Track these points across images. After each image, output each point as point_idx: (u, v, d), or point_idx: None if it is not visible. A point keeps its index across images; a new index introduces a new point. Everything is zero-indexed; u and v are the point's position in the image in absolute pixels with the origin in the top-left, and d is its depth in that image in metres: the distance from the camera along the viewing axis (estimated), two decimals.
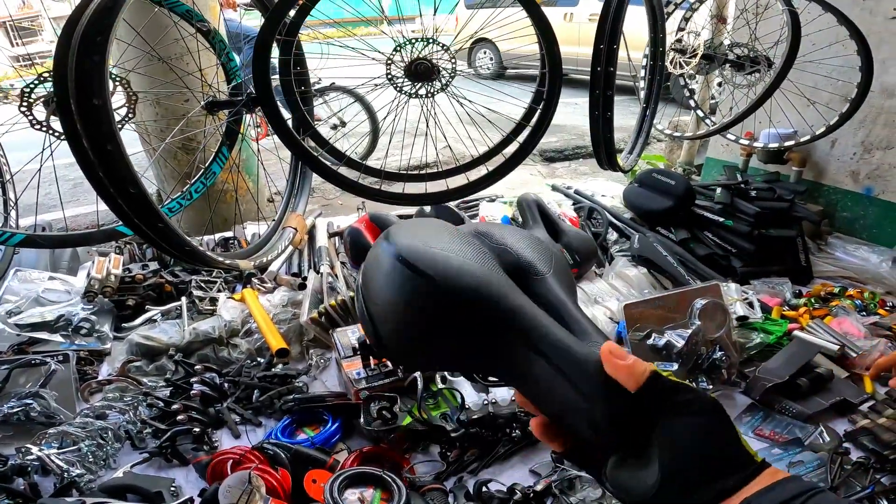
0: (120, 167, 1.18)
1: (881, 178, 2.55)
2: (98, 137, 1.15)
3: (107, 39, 1.16)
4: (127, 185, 1.20)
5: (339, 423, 1.49)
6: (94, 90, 1.14)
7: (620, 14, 1.84)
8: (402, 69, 1.74)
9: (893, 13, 2.42)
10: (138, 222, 1.26)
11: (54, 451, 1.35)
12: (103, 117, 1.14)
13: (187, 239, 1.36)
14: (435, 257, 0.56)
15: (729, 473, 0.51)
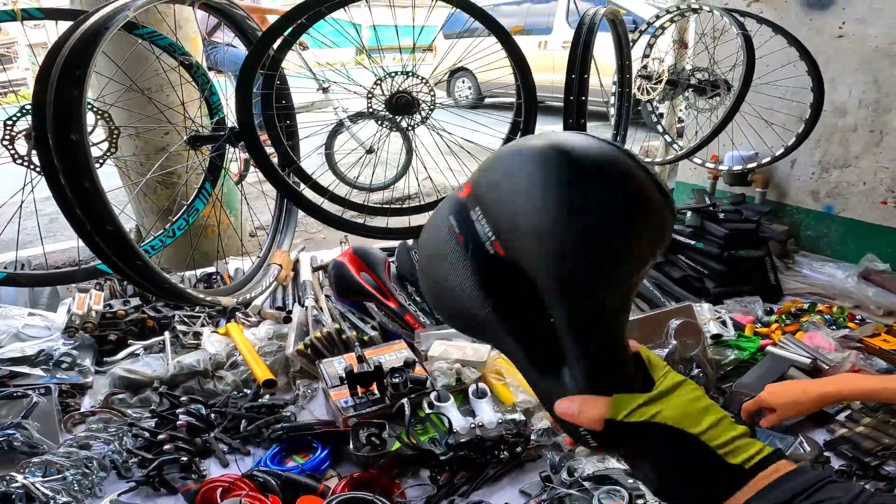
0: (97, 205, 1.19)
1: (840, 196, 2.67)
2: (75, 173, 1.15)
3: (86, 73, 1.17)
4: (104, 222, 1.21)
5: (329, 451, 1.50)
6: (72, 124, 1.15)
7: (590, 45, 1.92)
8: (382, 102, 1.79)
9: (839, 31, 2.56)
10: (116, 260, 1.27)
11: (39, 480, 1.34)
12: (80, 153, 1.15)
13: (166, 276, 1.37)
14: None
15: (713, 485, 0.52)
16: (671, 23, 2.94)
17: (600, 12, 2.04)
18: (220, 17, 1.87)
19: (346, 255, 2.13)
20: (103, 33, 1.22)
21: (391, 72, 1.81)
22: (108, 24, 1.23)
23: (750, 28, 2.45)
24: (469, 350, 1.78)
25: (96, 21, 1.24)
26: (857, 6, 2.50)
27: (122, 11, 1.29)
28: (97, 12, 1.26)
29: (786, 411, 1.44)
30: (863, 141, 2.57)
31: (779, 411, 1.45)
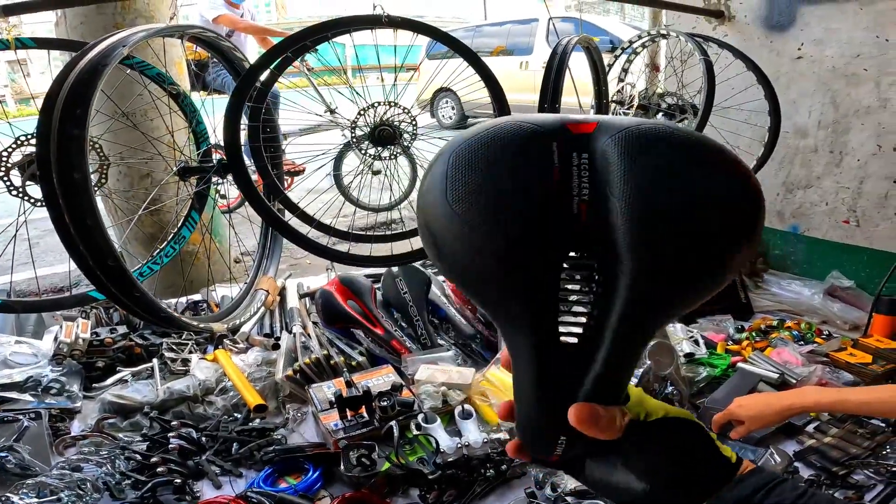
0: (99, 241, 1.23)
1: (804, 217, 2.78)
2: (79, 212, 1.20)
3: (86, 112, 1.21)
4: (106, 258, 1.25)
5: (320, 472, 1.54)
6: (75, 164, 1.19)
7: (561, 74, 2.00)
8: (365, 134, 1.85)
9: (798, 52, 2.68)
10: (116, 292, 1.31)
11: (35, 501, 1.36)
12: (83, 192, 1.19)
13: (163, 306, 1.41)
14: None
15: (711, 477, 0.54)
16: (643, 48, 3.05)
17: (572, 42, 2.13)
18: (208, 49, 1.93)
19: (332, 283, 2.18)
20: (101, 70, 1.26)
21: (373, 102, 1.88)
22: (105, 61, 1.28)
23: (715, 52, 2.54)
24: (454, 373, 1.84)
25: (94, 57, 1.29)
26: (813, 28, 2.59)
27: (118, 48, 1.34)
28: (94, 48, 1.31)
29: (753, 423, 1.52)
30: (823, 161, 2.68)
31: (746, 423, 1.52)
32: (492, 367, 1.89)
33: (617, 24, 8.83)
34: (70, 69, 1.30)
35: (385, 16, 1.65)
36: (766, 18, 2.76)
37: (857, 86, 2.52)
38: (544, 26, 8.77)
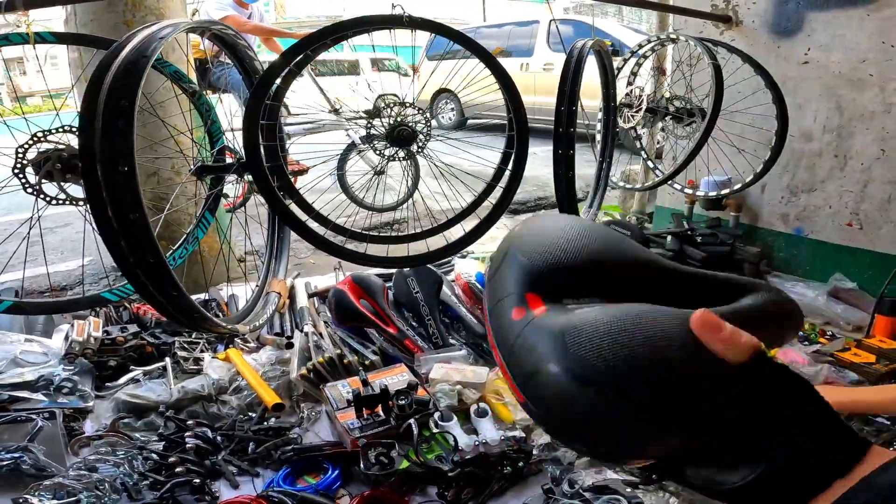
0: (142, 236, 1.23)
1: (808, 219, 2.82)
2: (123, 205, 1.20)
3: (132, 104, 1.20)
4: (147, 253, 1.26)
5: (339, 471, 1.55)
6: (122, 156, 1.18)
7: (578, 77, 2.02)
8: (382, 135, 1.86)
9: (805, 58, 2.71)
10: (153, 290, 1.31)
11: (54, 502, 1.36)
12: (130, 184, 1.20)
13: (197, 306, 1.41)
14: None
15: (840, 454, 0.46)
16: (652, 52, 3.08)
17: (588, 45, 2.15)
18: (224, 48, 1.93)
19: (345, 282, 2.19)
20: (144, 63, 1.26)
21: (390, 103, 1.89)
22: (146, 52, 1.27)
23: (723, 57, 2.57)
24: (469, 372, 1.86)
25: (132, 51, 1.28)
26: (820, 33, 2.64)
27: (155, 40, 1.33)
28: (128, 43, 1.30)
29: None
30: (828, 165, 2.72)
31: None
32: None
33: (616, 27, 8.88)
34: (107, 65, 1.28)
35: (406, 16, 1.66)
36: (774, 24, 2.80)
37: (862, 91, 2.56)
38: (545, 28, 8.81)
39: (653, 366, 0.44)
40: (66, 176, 1.68)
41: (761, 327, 0.54)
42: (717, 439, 0.47)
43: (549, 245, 0.54)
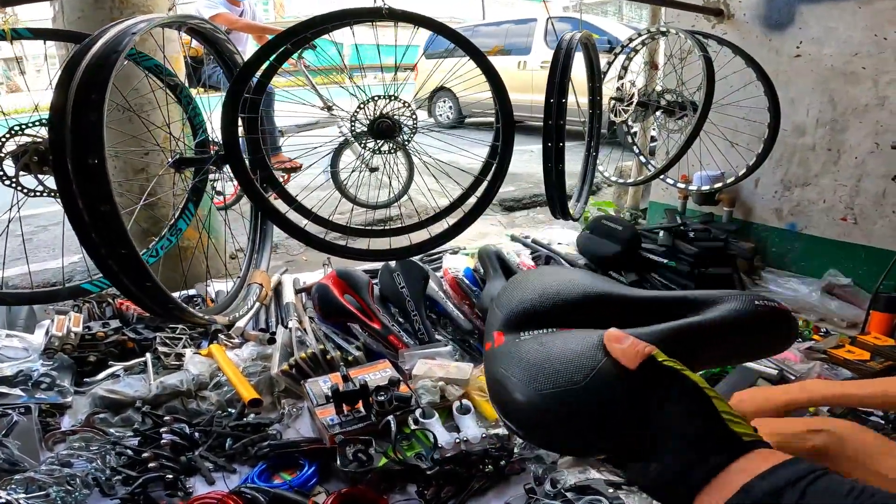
0: (114, 227, 1.21)
1: (802, 214, 2.78)
2: (94, 197, 1.18)
3: (103, 97, 1.19)
4: (119, 245, 1.23)
5: (316, 467, 1.52)
6: (92, 149, 1.17)
7: (567, 69, 2.00)
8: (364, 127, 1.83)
9: (797, 51, 2.68)
10: (127, 282, 1.29)
11: (22, 497, 1.33)
12: (100, 176, 1.17)
13: (172, 297, 1.38)
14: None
15: (716, 452, 0.52)
16: (643, 45, 3.05)
17: (576, 37, 2.12)
18: (203, 42, 1.90)
19: (329, 277, 2.16)
20: (115, 57, 1.25)
21: (373, 95, 1.86)
22: (118, 47, 1.26)
23: (714, 50, 2.54)
24: (452, 368, 1.83)
25: (104, 45, 1.27)
26: (812, 27, 2.61)
27: (127, 35, 1.32)
28: (100, 37, 1.29)
29: (753, 418, 1.50)
30: (821, 160, 2.69)
31: (747, 418, 1.50)
32: None
33: (615, 25, 8.86)
34: (79, 58, 1.27)
35: (386, 8, 1.63)
36: (765, 17, 2.77)
37: (856, 84, 2.53)
38: (542, 26, 8.80)
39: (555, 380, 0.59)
40: (42, 168, 1.67)
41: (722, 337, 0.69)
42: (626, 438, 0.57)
43: (514, 295, 0.73)
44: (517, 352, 0.66)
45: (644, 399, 0.56)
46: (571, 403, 0.58)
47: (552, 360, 0.62)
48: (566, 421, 0.60)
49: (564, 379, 0.60)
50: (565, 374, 0.60)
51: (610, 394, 0.57)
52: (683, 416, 0.55)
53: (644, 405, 0.56)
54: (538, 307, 0.71)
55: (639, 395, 0.56)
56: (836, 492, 0.49)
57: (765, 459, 0.52)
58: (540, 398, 0.60)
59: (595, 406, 0.58)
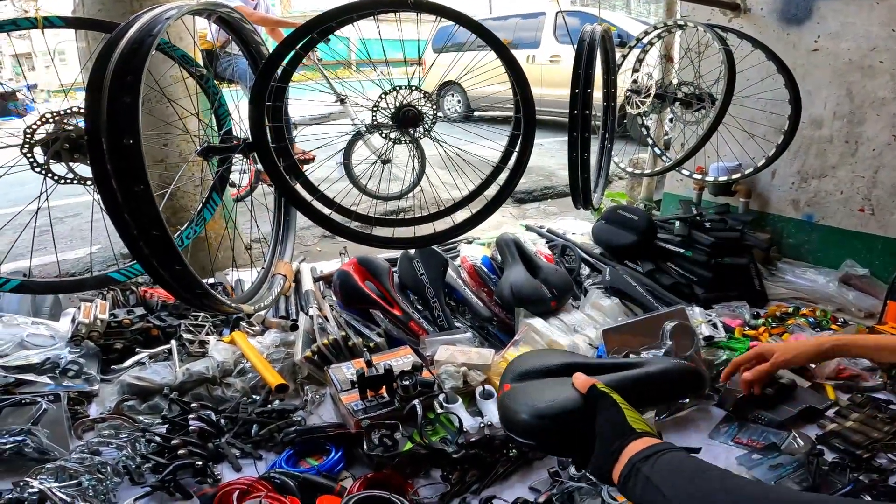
0: (147, 209, 1.23)
1: (819, 205, 2.78)
2: (128, 178, 1.20)
3: (138, 79, 1.21)
4: (152, 227, 1.25)
5: (342, 453, 1.54)
6: (127, 130, 1.19)
7: (592, 60, 2.01)
8: (388, 116, 1.85)
9: (814, 45, 2.68)
10: (157, 265, 1.30)
11: (55, 485, 1.35)
12: (135, 157, 1.19)
13: (202, 282, 1.40)
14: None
15: (619, 440, 0.96)
16: (658, 38, 3.04)
17: (598, 28, 2.13)
18: (230, 31, 1.92)
19: (351, 264, 2.18)
20: (150, 41, 1.26)
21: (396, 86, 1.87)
22: (152, 31, 1.28)
23: (731, 43, 2.54)
24: (474, 354, 1.84)
25: (139, 30, 1.29)
26: (830, 21, 2.61)
27: (160, 21, 1.33)
28: (133, 24, 1.31)
29: (784, 353, 1.60)
30: (839, 151, 2.68)
31: (777, 354, 1.59)
32: (510, 348, 1.89)
33: (624, 19, 8.82)
34: (114, 43, 1.29)
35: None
36: (783, 12, 2.77)
37: (873, 78, 2.53)
38: (551, 20, 8.76)
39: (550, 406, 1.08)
40: (73, 156, 1.69)
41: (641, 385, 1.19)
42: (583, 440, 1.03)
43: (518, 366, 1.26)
44: (520, 390, 1.17)
45: (590, 412, 1.04)
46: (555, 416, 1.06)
47: (542, 394, 1.12)
48: (552, 427, 1.06)
49: (548, 402, 1.08)
50: (549, 399, 1.09)
51: (574, 406, 1.07)
52: (607, 421, 1.01)
53: (591, 415, 1.04)
54: (532, 369, 1.23)
55: (586, 409, 1.05)
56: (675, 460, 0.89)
57: (644, 443, 0.93)
58: (536, 413, 1.07)
59: (567, 415, 1.06)
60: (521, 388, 1.17)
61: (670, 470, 0.86)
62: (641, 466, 0.88)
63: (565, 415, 1.05)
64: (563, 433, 1.06)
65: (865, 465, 1.46)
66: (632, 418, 0.98)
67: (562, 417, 1.05)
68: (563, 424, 1.05)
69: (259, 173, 3.56)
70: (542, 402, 1.08)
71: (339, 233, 1.87)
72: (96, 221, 1.77)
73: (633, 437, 0.94)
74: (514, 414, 1.10)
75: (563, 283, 2.24)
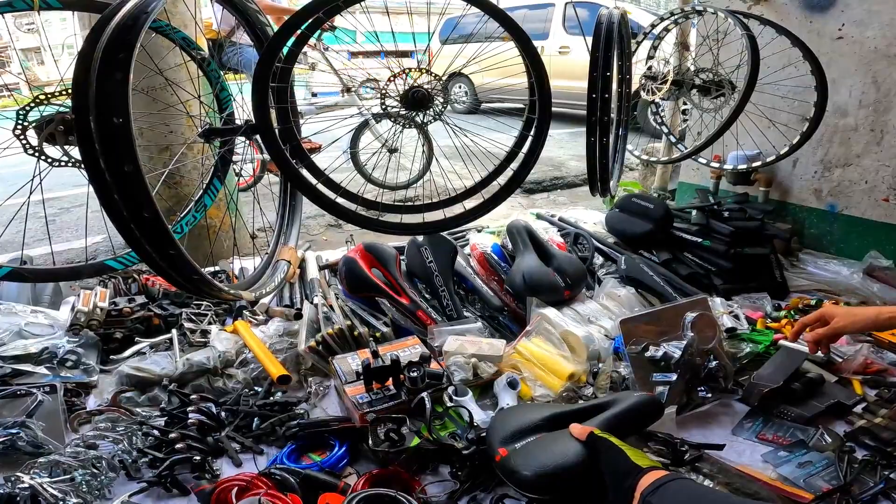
0: (137, 189, 1.16)
1: (843, 195, 2.69)
2: (117, 158, 1.14)
3: (130, 56, 1.15)
4: (142, 208, 1.19)
5: (346, 448, 1.47)
6: (117, 108, 1.13)
7: (611, 43, 1.94)
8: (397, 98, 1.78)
9: (839, 33, 2.59)
10: (149, 249, 1.24)
11: (46, 480, 1.29)
12: (124, 137, 1.13)
13: (197, 267, 1.34)
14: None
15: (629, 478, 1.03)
16: (675, 25, 2.95)
17: (615, 13, 2.05)
18: (233, 11, 1.85)
19: (357, 250, 2.11)
20: (144, 18, 1.21)
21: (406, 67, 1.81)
22: (146, 9, 1.22)
23: (752, 30, 2.46)
24: (484, 345, 1.77)
25: (134, 7, 1.23)
26: (855, 9, 2.53)
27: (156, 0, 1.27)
28: (128, 2, 1.25)
29: (843, 319, 1.55)
30: (864, 140, 2.59)
31: (837, 318, 1.56)
32: (522, 339, 1.82)
33: (633, 9, 8.69)
34: (107, 20, 1.23)
35: None
36: None
37: None
38: (560, 11, 8.65)
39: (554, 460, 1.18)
40: (68, 138, 1.63)
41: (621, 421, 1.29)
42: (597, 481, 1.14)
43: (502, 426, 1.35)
44: (521, 455, 1.23)
45: (593, 456, 1.15)
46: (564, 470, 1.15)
47: (543, 451, 1.21)
48: (562, 481, 1.15)
49: (552, 459, 1.18)
50: (551, 456, 1.19)
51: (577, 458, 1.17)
52: (611, 462, 1.11)
53: (595, 460, 1.15)
54: (517, 430, 1.31)
55: (589, 455, 1.16)
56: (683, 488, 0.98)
57: (652, 476, 1.01)
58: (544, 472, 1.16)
59: (574, 467, 1.15)
60: (519, 450, 1.25)
61: (675, 499, 0.96)
62: (651, 499, 0.98)
63: (572, 467, 1.15)
64: (574, 483, 1.16)
65: None
66: (634, 455, 1.09)
67: (570, 470, 1.15)
68: (573, 476, 1.15)
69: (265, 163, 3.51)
70: (547, 461, 1.18)
71: (345, 217, 1.80)
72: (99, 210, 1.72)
73: (640, 473, 1.03)
74: (522, 476, 1.18)
75: (576, 271, 2.17)
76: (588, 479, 1.15)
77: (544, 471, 1.16)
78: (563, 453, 1.19)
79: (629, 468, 1.06)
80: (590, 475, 1.15)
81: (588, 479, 1.15)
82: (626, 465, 1.07)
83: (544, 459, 1.19)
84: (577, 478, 1.16)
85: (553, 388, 1.62)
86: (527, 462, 1.20)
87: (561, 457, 1.17)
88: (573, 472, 1.15)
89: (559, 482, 1.15)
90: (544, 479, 1.15)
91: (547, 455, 1.20)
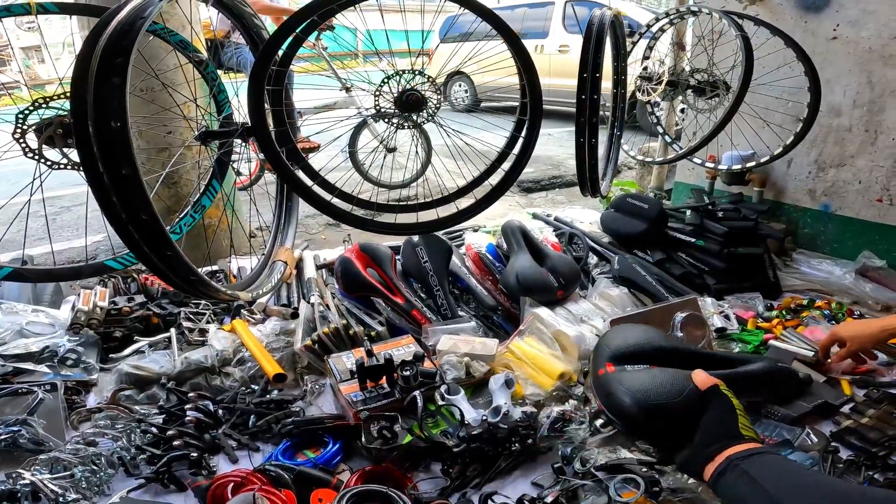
0: (135, 192, 1.19)
1: (836, 195, 2.71)
2: (114, 161, 1.16)
3: (127, 61, 1.17)
4: (139, 211, 1.21)
5: (340, 445, 1.50)
6: (114, 112, 1.15)
7: (601, 44, 1.95)
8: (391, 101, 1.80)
9: (833, 33, 2.60)
10: (147, 250, 1.27)
11: (47, 477, 1.33)
12: (122, 140, 1.16)
13: (194, 268, 1.36)
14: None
15: (723, 441, 1.03)
16: (670, 25, 2.97)
17: (608, 13, 2.06)
18: (229, 15, 1.87)
19: (352, 250, 2.13)
20: (140, 22, 1.23)
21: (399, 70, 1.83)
22: (142, 14, 1.25)
23: (747, 30, 2.47)
24: (477, 344, 1.80)
25: (130, 12, 1.26)
26: (849, 9, 2.54)
27: (153, 3, 1.30)
28: (126, 5, 1.27)
29: (854, 343, 1.66)
30: (858, 140, 2.61)
31: (849, 343, 1.67)
32: (515, 338, 1.84)
33: (633, 8, 8.68)
34: (105, 24, 1.25)
35: None
36: None
37: (895, 67, 2.45)
38: (560, 10, 8.65)
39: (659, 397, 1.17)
40: (67, 141, 1.66)
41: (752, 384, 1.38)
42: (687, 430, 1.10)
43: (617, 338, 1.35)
44: (628, 378, 1.23)
45: (700, 409, 1.11)
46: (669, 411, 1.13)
47: (656, 385, 1.18)
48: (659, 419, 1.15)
49: (663, 396, 1.16)
50: (662, 394, 1.16)
51: (688, 404, 1.13)
52: (715, 420, 1.09)
53: (700, 412, 1.10)
54: (634, 350, 1.30)
55: (699, 406, 1.11)
56: (779, 461, 0.96)
57: (747, 446, 1.01)
58: (648, 405, 1.15)
59: (680, 411, 1.12)
60: (629, 374, 1.24)
61: (774, 469, 0.93)
62: (740, 463, 0.97)
63: (674, 410, 1.13)
64: (667, 425, 1.14)
65: (881, 464, 1.40)
66: (743, 424, 1.07)
67: (671, 412, 1.13)
68: (670, 417, 1.14)
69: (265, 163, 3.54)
70: (654, 397, 1.16)
71: (340, 218, 1.83)
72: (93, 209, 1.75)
73: (738, 441, 1.03)
74: (621, 401, 1.18)
75: (570, 271, 2.19)
76: (680, 424, 1.14)
77: (647, 404, 1.15)
78: (672, 394, 1.16)
79: (731, 432, 1.06)
80: (685, 421, 1.13)
81: (681, 423, 1.13)
82: (730, 428, 1.06)
83: (652, 394, 1.17)
84: (672, 419, 1.15)
85: (544, 387, 1.65)
86: (631, 389, 1.19)
87: (669, 397, 1.15)
88: (672, 415, 1.14)
89: (654, 420, 1.15)
90: (643, 412, 1.15)
91: (656, 391, 1.17)
